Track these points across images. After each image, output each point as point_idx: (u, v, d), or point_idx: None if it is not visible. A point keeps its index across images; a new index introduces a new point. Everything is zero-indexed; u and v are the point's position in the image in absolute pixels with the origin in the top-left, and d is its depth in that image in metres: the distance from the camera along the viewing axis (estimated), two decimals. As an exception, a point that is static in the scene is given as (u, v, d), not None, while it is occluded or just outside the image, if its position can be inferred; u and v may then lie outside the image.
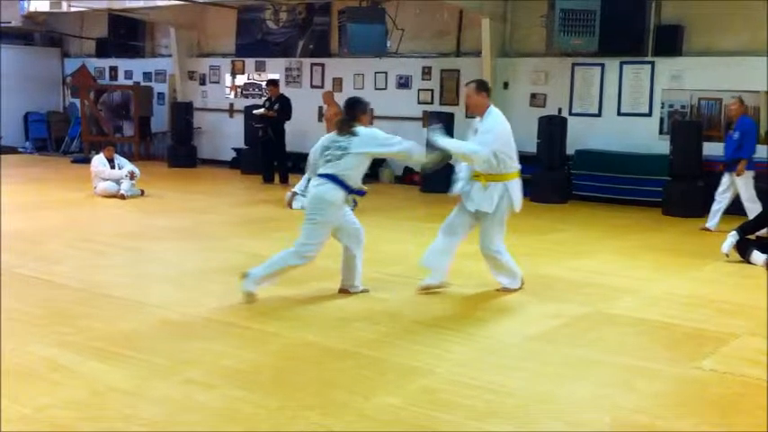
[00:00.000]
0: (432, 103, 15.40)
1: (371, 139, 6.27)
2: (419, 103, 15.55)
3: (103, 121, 18.84)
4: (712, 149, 11.63)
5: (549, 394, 4.44)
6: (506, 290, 6.69)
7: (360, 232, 6.53)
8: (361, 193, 6.39)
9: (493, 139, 6.32)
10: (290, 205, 11.39)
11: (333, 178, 6.18)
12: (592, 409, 4.25)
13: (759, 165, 10.57)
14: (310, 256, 6.29)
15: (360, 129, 6.30)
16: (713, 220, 10.27)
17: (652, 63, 13.24)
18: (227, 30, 18.31)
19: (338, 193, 6.20)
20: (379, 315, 5.97)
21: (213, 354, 4.96)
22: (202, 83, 18.78)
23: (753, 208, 9.92)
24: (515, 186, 6.53)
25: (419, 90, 15.63)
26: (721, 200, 10.29)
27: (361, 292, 6.56)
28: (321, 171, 6.27)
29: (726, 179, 10.29)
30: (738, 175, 10.12)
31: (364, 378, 4.61)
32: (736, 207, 10.38)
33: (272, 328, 5.56)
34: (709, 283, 7.45)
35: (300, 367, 4.78)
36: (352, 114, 6.42)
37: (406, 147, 6.33)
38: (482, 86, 6.59)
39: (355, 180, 6.29)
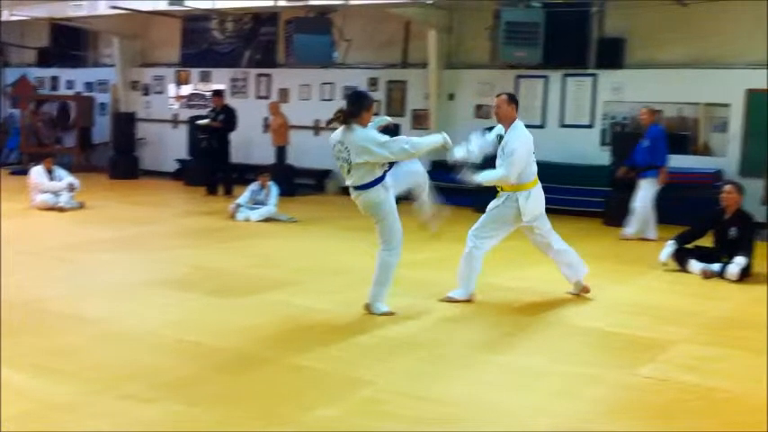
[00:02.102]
0: (378, 114, 15.36)
1: (363, 150, 5.99)
2: (366, 114, 15.53)
3: (43, 131, 18.48)
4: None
5: (492, 403, 4.46)
6: (450, 299, 6.71)
7: (415, 175, 6.41)
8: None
9: (518, 162, 6.55)
10: (233, 217, 11.31)
11: (359, 187, 6.12)
12: (533, 417, 4.27)
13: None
14: (399, 250, 6.23)
15: (356, 132, 6.03)
16: (651, 232, 10.53)
17: (594, 75, 13.46)
18: (171, 39, 18.13)
19: (377, 192, 6.10)
20: (323, 327, 5.93)
21: (154, 368, 4.87)
22: (146, 93, 18.55)
23: (640, 212, 10.43)
24: (528, 195, 6.65)
25: (365, 101, 15.61)
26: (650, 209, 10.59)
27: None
28: (346, 182, 6.24)
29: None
30: (662, 183, 10.45)
31: (306, 390, 4.57)
32: (675, 216, 10.60)
33: (214, 341, 5.49)
34: (648, 291, 7.57)
35: (242, 380, 4.72)
36: (355, 110, 6.13)
37: (405, 150, 6.05)
38: (513, 99, 6.80)
39: (377, 173, 6.08)
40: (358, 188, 6.13)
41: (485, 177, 6.64)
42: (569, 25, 13.17)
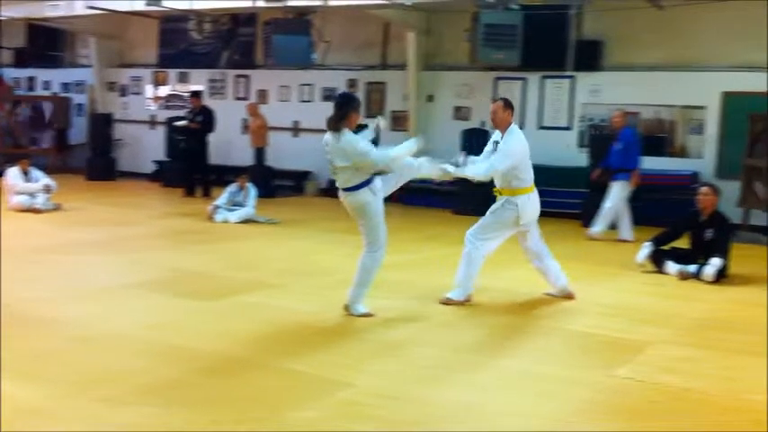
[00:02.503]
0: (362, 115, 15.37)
1: (343, 155, 6.02)
2: (345, 115, 15.51)
3: (19, 132, 18.31)
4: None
5: (472, 404, 4.46)
6: (448, 301, 6.71)
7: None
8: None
9: (509, 161, 6.63)
10: (212, 218, 11.26)
11: (346, 189, 6.15)
12: (512, 418, 4.28)
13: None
14: (383, 253, 6.23)
15: (342, 136, 6.03)
16: (627, 232, 10.63)
17: (572, 77, 13.54)
18: (149, 40, 18.05)
19: (364, 195, 6.11)
20: (301, 329, 5.92)
21: (129, 371, 4.83)
22: (123, 94, 18.45)
23: (607, 213, 10.59)
24: (530, 198, 6.77)
25: (344, 103, 15.60)
26: (620, 209, 10.68)
27: None
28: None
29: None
30: (634, 185, 10.56)
31: (283, 392, 4.56)
32: (652, 218, 10.68)
33: (191, 343, 5.45)
34: (625, 292, 7.61)
35: (218, 382, 4.69)
36: (343, 113, 6.15)
37: (376, 165, 6.06)
38: (509, 104, 6.87)
39: (362, 176, 6.09)
40: (345, 189, 6.16)
41: (472, 171, 6.67)
42: (547, 28, 13.24)
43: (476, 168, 6.72)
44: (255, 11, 15.48)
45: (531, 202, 6.79)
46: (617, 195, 10.62)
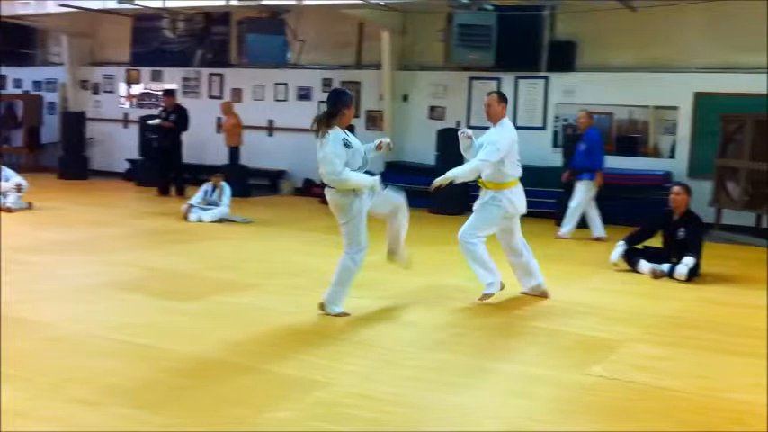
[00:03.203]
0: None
1: (319, 157, 6.03)
2: (319, 114, 15.48)
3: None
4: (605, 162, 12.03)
5: (446, 403, 4.47)
6: (486, 297, 6.80)
7: (399, 206, 6.45)
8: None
9: (501, 149, 6.73)
10: (186, 218, 11.20)
11: (330, 187, 6.14)
12: (487, 417, 4.30)
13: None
14: (363, 249, 6.20)
15: (326, 136, 5.97)
16: (598, 230, 10.73)
17: (546, 78, 13.61)
18: (122, 38, 17.89)
19: (346, 194, 6.10)
20: (277, 329, 5.90)
21: (102, 371, 4.79)
22: (96, 92, 18.28)
23: (573, 213, 10.72)
24: (515, 192, 6.86)
25: (320, 102, 15.56)
26: (589, 208, 10.78)
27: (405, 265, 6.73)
28: None
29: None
30: (598, 185, 10.66)
31: (259, 393, 4.54)
32: (626, 218, 10.77)
33: (165, 343, 5.42)
34: (599, 291, 7.67)
35: (193, 383, 4.67)
36: (335, 110, 6.07)
37: (333, 176, 6.01)
38: (503, 98, 7.04)
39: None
40: (330, 188, 6.16)
41: (460, 172, 6.79)
42: (521, 28, 13.29)
43: (466, 169, 6.82)
44: (229, 9, 15.38)
45: (518, 195, 6.88)
46: (581, 195, 10.71)
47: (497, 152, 6.70)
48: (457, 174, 6.79)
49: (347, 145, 6.02)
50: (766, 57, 11.76)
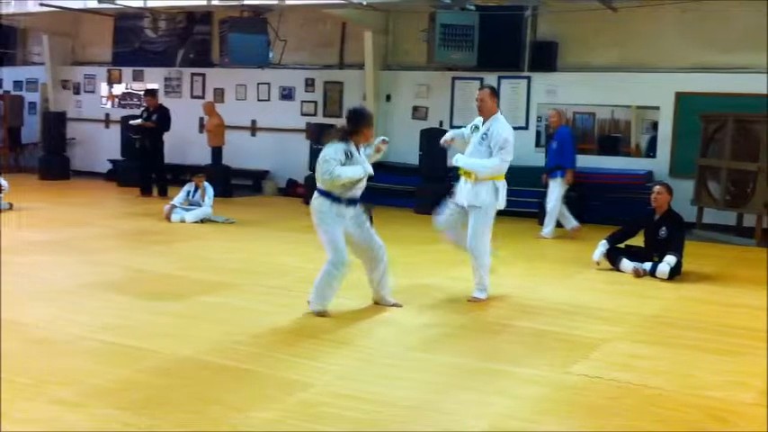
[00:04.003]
0: (315, 114, 15.37)
1: (320, 159, 6.11)
2: (302, 114, 15.48)
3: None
4: (586, 162, 12.10)
5: (429, 403, 4.47)
6: (475, 300, 6.81)
7: (378, 251, 6.41)
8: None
9: (512, 150, 6.84)
10: (168, 218, 11.15)
11: (318, 190, 6.19)
12: (470, 417, 4.30)
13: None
14: (344, 262, 6.17)
15: (333, 142, 6.11)
16: (570, 222, 10.87)
17: (528, 78, 13.65)
18: (103, 37, 17.80)
19: (319, 201, 6.15)
20: (260, 328, 5.88)
21: (83, 372, 4.76)
22: (77, 92, 18.17)
23: (552, 212, 10.80)
24: (502, 185, 6.88)
25: (302, 102, 15.59)
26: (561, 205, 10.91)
27: (393, 305, 6.55)
28: None
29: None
30: (568, 183, 10.75)
31: (242, 393, 4.52)
32: (608, 217, 10.81)
33: (147, 344, 5.39)
34: (581, 290, 7.70)
35: (175, 384, 4.65)
36: (357, 129, 6.17)
37: (324, 176, 6.07)
38: (495, 92, 7.09)
39: (341, 191, 6.14)
40: (314, 195, 6.25)
41: (475, 166, 6.76)
42: (503, 29, 13.35)
43: (483, 165, 6.78)
44: (211, 9, 15.34)
45: (504, 188, 6.91)
46: (556, 194, 10.78)
47: (512, 149, 6.80)
48: (478, 170, 6.76)
49: (349, 155, 6.10)
50: (746, 57, 11.86)
